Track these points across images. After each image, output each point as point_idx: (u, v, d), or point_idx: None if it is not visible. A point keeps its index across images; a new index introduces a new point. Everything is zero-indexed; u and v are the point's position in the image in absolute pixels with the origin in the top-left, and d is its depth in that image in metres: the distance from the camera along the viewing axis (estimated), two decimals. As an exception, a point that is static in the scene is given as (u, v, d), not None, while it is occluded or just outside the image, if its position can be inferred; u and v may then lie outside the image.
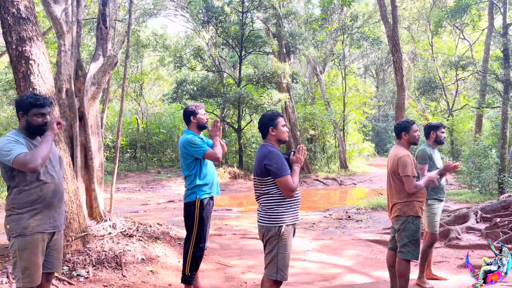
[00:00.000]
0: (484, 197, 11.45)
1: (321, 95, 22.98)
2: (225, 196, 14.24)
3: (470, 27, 20.45)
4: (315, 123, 21.61)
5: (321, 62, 22.95)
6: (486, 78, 17.25)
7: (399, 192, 3.91)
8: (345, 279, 4.86)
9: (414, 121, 4.17)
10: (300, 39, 18.27)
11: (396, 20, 12.16)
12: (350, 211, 10.11)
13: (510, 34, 16.82)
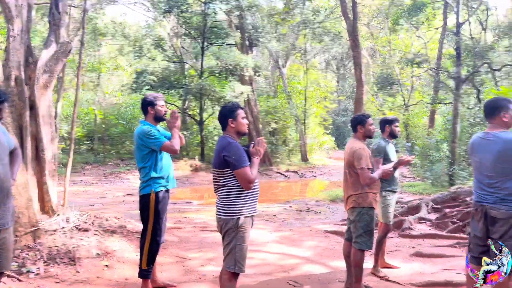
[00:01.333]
0: (436, 189, 11.98)
1: (283, 89, 23.18)
2: (185, 189, 14.09)
3: (426, 25, 21.24)
4: (277, 116, 21.78)
5: (284, 55, 23.10)
6: (439, 75, 18.00)
7: (354, 184, 4.02)
8: (304, 269, 4.95)
9: (370, 115, 4.29)
10: (262, 32, 18.29)
11: (356, 16, 12.43)
12: (309, 203, 10.30)
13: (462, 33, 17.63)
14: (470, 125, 14.64)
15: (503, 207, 3.13)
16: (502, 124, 3.24)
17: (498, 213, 3.15)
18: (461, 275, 4.59)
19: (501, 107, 3.25)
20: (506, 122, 3.23)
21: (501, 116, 3.23)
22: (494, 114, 3.28)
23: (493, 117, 3.30)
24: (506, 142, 3.13)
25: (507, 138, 3.14)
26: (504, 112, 3.23)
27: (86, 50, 18.62)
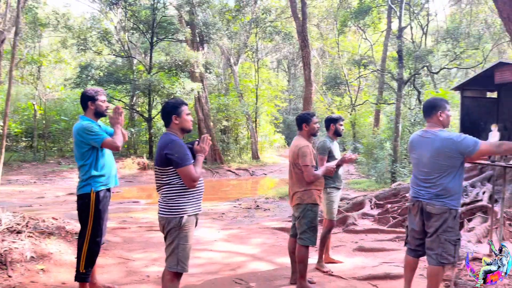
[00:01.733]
0: (379, 186, 12.49)
1: (235, 87, 23.16)
2: (133, 188, 13.68)
3: (372, 28, 22.07)
4: (229, 114, 21.74)
5: (235, 53, 23.08)
6: (383, 76, 18.81)
7: (299, 181, 4.07)
8: (250, 267, 4.95)
9: (315, 113, 4.36)
10: (214, 29, 18.14)
11: (305, 16, 12.64)
12: (259, 201, 10.36)
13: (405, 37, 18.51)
14: (411, 124, 15.43)
15: (437, 203, 3.30)
16: (439, 123, 3.42)
17: (432, 208, 3.31)
18: (399, 268, 4.80)
19: (439, 107, 3.42)
20: (442, 121, 3.41)
21: (438, 116, 3.41)
22: (432, 113, 3.44)
23: (431, 116, 3.46)
24: (443, 140, 3.28)
25: (445, 137, 3.29)
26: (441, 112, 3.41)
27: (25, 41, 17.52)
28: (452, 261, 3.33)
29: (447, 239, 3.27)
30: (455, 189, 3.31)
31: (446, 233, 3.27)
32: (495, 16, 17.39)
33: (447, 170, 3.28)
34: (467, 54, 17.35)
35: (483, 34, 17.59)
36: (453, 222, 3.30)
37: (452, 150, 3.24)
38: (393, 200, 8.21)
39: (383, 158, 14.45)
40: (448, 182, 3.28)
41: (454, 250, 3.30)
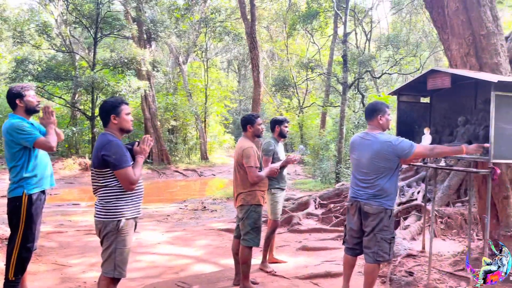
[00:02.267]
0: (324, 186, 12.85)
1: (183, 86, 22.81)
2: (73, 190, 13.04)
3: (319, 32, 22.69)
4: (177, 113, 21.37)
5: (184, 52, 22.74)
6: (330, 79, 19.40)
7: (243, 182, 4.08)
8: (194, 269, 4.88)
9: (259, 114, 4.39)
10: (162, 27, 17.75)
11: (254, 18, 12.73)
12: (206, 202, 10.27)
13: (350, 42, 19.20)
14: (355, 126, 16.04)
15: (374, 203, 3.43)
16: (379, 126, 3.56)
17: (370, 208, 3.44)
18: (340, 266, 4.95)
19: (379, 110, 3.57)
20: (382, 125, 3.57)
21: (378, 119, 3.55)
22: (373, 116, 3.59)
23: (371, 119, 3.61)
24: (382, 143, 3.42)
25: (384, 140, 3.43)
26: (381, 116, 3.55)
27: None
28: (388, 259, 3.48)
29: (383, 237, 3.41)
30: (391, 190, 3.46)
31: (382, 232, 3.41)
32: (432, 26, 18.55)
33: (384, 171, 3.42)
34: (406, 60, 18.33)
35: (421, 42, 18.66)
36: (389, 221, 3.44)
37: (389, 153, 3.38)
38: (336, 200, 8.47)
39: (328, 159, 14.89)
40: (385, 183, 3.42)
41: (389, 248, 3.44)
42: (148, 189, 13.85)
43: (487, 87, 3.59)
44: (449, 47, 4.93)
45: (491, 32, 4.30)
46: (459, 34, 4.47)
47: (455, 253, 5.05)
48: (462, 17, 4.38)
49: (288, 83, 21.69)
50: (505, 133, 3.51)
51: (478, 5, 4.28)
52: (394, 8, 20.41)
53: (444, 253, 5.15)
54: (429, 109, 4.88)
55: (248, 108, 41.91)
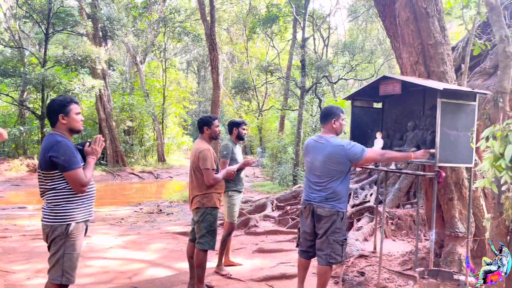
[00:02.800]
0: (282, 188, 12.99)
1: (141, 86, 22.29)
2: (20, 192, 12.37)
3: (279, 36, 22.94)
4: (133, 114, 20.84)
5: (142, 51, 22.24)
6: (288, 83, 19.66)
7: (199, 184, 4.04)
8: (148, 274, 4.76)
9: (216, 116, 4.36)
10: (118, 25, 17.27)
11: (214, 20, 12.65)
12: (162, 205, 10.07)
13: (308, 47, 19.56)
14: (312, 130, 16.36)
15: (327, 206, 3.47)
16: (332, 130, 3.63)
17: (323, 211, 3.47)
18: (295, 268, 5.01)
19: (333, 114, 3.63)
20: (335, 129, 3.63)
21: (332, 123, 3.62)
22: (327, 120, 3.65)
23: (326, 123, 3.67)
24: (334, 147, 3.47)
25: (336, 144, 3.48)
26: (334, 120, 3.62)
27: None
28: (340, 261, 3.53)
29: (335, 240, 3.45)
30: (343, 193, 3.51)
31: (334, 234, 3.45)
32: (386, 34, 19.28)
33: (336, 175, 3.48)
34: (362, 67, 18.91)
35: (376, 49, 19.34)
36: (341, 223, 3.49)
37: (341, 156, 3.44)
38: (293, 202, 8.58)
39: (286, 162, 15.08)
40: (337, 186, 3.47)
41: (342, 250, 3.49)
42: (101, 191, 13.38)
43: (434, 94, 3.78)
44: (400, 55, 5.15)
45: (439, 42, 4.53)
46: (409, 43, 4.67)
47: (404, 253, 5.26)
48: (412, 27, 4.58)
49: (247, 85, 21.78)
50: (450, 138, 3.70)
51: (427, 16, 4.50)
52: (351, 15, 21.04)
53: (394, 253, 5.35)
54: (381, 114, 5.06)
55: (207, 110, 41.62)
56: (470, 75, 6.66)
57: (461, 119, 3.79)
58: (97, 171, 16.91)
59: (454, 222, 4.47)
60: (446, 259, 4.36)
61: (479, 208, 4.71)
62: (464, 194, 4.51)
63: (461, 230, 4.37)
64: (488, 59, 6.45)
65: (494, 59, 6.33)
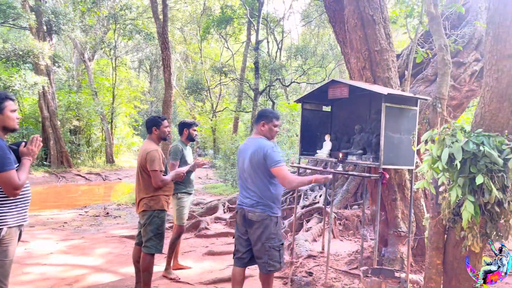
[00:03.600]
0: (235, 190, 12.94)
1: (89, 84, 21.41)
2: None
3: (233, 38, 22.96)
4: (80, 113, 19.95)
5: (91, 48, 21.38)
6: (242, 85, 19.71)
7: (147, 186, 3.92)
8: (90, 280, 4.55)
9: (166, 117, 4.25)
10: (64, 19, 16.47)
11: (166, 18, 12.42)
12: (109, 208, 9.71)
13: (262, 50, 19.73)
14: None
15: (257, 210, 3.29)
16: (260, 132, 3.45)
17: (253, 215, 3.29)
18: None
19: (264, 117, 3.44)
20: (263, 131, 3.43)
21: (261, 126, 3.43)
22: (258, 122, 3.48)
23: (256, 124, 3.51)
24: (257, 147, 3.28)
25: (260, 145, 3.29)
26: (264, 123, 3.43)
27: None
28: (279, 267, 3.34)
29: (271, 246, 3.27)
30: (274, 196, 3.33)
31: (269, 240, 3.27)
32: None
33: (262, 177, 3.29)
34: (314, 71, 19.35)
35: (327, 54, 19.86)
36: (275, 228, 3.31)
37: (261, 158, 3.26)
38: (244, 204, 8.57)
39: (239, 164, 15.05)
40: (266, 190, 3.30)
41: (279, 256, 3.31)
42: (44, 194, 12.69)
43: (379, 99, 3.92)
44: (349, 60, 5.30)
45: (384, 49, 4.71)
46: (357, 48, 4.82)
47: (350, 252, 5.41)
48: (360, 33, 4.73)
49: (201, 86, 21.57)
50: (393, 141, 3.85)
51: (374, 23, 4.66)
52: (304, 20, 21.48)
53: (341, 253, 5.49)
54: (330, 117, 5.18)
55: (159, 110, 40.74)
56: (414, 81, 6.99)
57: (404, 123, 3.96)
58: (39, 172, 16.03)
59: (397, 222, 4.66)
60: (389, 257, 4.54)
61: (420, 208, 4.94)
62: (406, 195, 4.72)
63: (403, 230, 4.56)
64: (430, 66, 6.79)
65: (435, 66, 6.70)
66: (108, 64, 24.77)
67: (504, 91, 2.71)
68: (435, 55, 6.87)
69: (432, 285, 3.22)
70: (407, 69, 6.05)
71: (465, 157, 2.71)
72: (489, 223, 2.83)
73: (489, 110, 2.80)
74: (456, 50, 6.19)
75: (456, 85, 6.40)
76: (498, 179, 2.69)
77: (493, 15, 2.66)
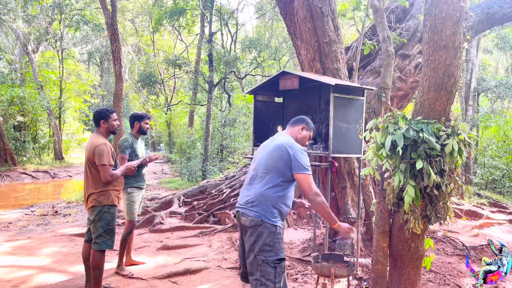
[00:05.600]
0: (191, 184, 12.83)
1: (33, 77, 20.28)
2: None
3: (187, 30, 22.56)
4: (25, 108, 18.88)
5: (34, 40, 20.23)
6: (197, 78, 19.46)
7: (95, 181, 3.80)
8: (37, 280, 4.36)
9: (114, 110, 4.13)
10: (5, 9, 15.48)
11: (115, 9, 11.99)
12: (58, 206, 9.31)
13: (216, 42, 19.57)
14: (222, 125, 16.43)
15: (251, 213, 2.76)
16: (293, 134, 3.06)
17: (246, 219, 2.77)
18: (200, 262, 5.01)
19: (306, 123, 3.12)
20: (298, 134, 3.07)
21: (299, 127, 3.09)
22: (298, 124, 3.11)
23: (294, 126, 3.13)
24: (285, 142, 2.86)
25: (288, 141, 2.88)
26: (304, 127, 3.10)
27: None
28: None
29: (264, 260, 2.67)
30: (279, 201, 2.80)
31: (263, 252, 2.69)
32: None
33: (272, 174, 2.80)
34: (268, 63, 19.46)
35: (281, 47, 20.04)
36: (272, 239, 2.71)
37: (285, 156, 2.81)
38: (200, 197, 8.53)
39: (195, 157, 14.94)
40: (271, 190, 2.78)
41: (275, 274, 2.67)
42: (-14, 194, 11.94)
43: (328, 90, 4.02)
44: (300, 52, 5.38)
45: (333, 40, 4.83)
46: (307, 40, 4.90)
47: (303, 240, 5.54)
48: (309, 25, 4.82)
49: (154, 79, 21.05)
50: (341, 130, 3.97)
51: (322, 15, 4.76)
52: (258, 12, 21.51)
53: (295, 241, 5.61)
54: (282, 108, 5.25)
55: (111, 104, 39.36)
56: (363, 73, 7.23)
57: (351, 112, 4.09)
58: (-19, 171, 15.05)
59: (347, 209, 4.82)
60: (340, 244, 4.69)
61: (368, 195, 5.14)
62: (355, 183, 4.89)
63: (353, 216, 4.73)
64: (378, 58, 7.05)
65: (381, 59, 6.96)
66: (54, 57, 23.55)
67: (440, 80, 2.86)
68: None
69: (379, 267, 3.38)
70: (356, 61, 6.24)
71: (406, 144, 2.85)
72: (429, 205, 2.99)
73: (428, 98, 2.96)
74: (401, 42, 6.46)
75: (402, 77, 6.68)
76: (436, 164, 2.85)
77: (430, 7, 2.80)
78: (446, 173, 2.89)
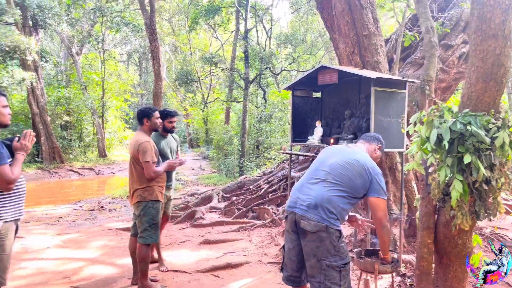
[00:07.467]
0: (229, 180, 12.99)
1: (78, 78, 21.18)
2: None
3: (222, 28, 22.79)
4: (70, 108, 19.79)
5: (78, 42, 21.10)
6: (233, 75, 19.61)
7: (140, 178, 3.93)
8: (88, 272, 4.58)
9: (157, 108, 4.25)
10: (50, 13, 16.22)
11: (153, 9, 12.29)
12: (104, 201, 9.71)
13: (251, 39, 19.62)
14: (258, 121, 16.49)
15: (313, 218, 2.65)
16: (369, 152, 3.09)
17: (307, 224, 2.66)
18: (240, 256, 5.08)
19: (382, 144, 3.21)
20: (373, 153, 3.12)
21: (375, 147, 3.16)
22: (374, 142, 3.16)
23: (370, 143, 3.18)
24: (367, 161, 2.89)
25: (370, 161, 2.91)
26: (381, 147, 3.19)
27: None
28: None
29: (329, 265, 2.61)
30: (343, 212, 2.77)
31: (328, 257, 2.62)
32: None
33: (344, 187, 2.76)
34: (303, 58, 19.29)
35: (317, 41, 19.82)
36: (337, 243, 2.66)
37: (364, 174, 2.80)
38: (238, 193, 8.63)
39: (232, 153, 15.11)
40: (338, 201, 2.73)
41: (340, 278, 2.62)
42: (37, 190, 12.63)
43: (368, 83, 3.95)
44: (337, 46, 5.32)
45: (372, 33, 4.74)
46: (345, 34, 4.84)
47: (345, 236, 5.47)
48: (347, 18, 4.75)
49: (191, 77, 21.44)
50: (383, 125, 3.90)
51: (361, 8, 4.68)
52: (292, 7, 21.35)
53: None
54: (320, 103, 5.21)
55: (150, 103, 40.46)
56: (403, 65, 7.03)
57: (393, 106, 4.00)
58: (32, 169, 15.92)
59: (389, 205, 4.73)
60: (382, 239, 4.61)
61: (411, 190, 5.02)
62: (397, 178, 4.79)
63: (395, 212, 4.63)
64: (418, 50, 6.84)
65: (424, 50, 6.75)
66: (96, 58, 24.47)
67: (489, 70, 2.75)
68: (423, 39, 6.92)
69: (424, 264, 3.30)
70: (396, 53, 6.09)
71: (452, 137, 2.76)
72: (477, 201, 2.89)
73: (476, 90, 2.85)
74: (443, 32, 6.24)
75: (445, 68, 6.45)
76: (485, 158, 2.74)
77: (477, -5, 2.69)
78: (496, 167, 2.78)
